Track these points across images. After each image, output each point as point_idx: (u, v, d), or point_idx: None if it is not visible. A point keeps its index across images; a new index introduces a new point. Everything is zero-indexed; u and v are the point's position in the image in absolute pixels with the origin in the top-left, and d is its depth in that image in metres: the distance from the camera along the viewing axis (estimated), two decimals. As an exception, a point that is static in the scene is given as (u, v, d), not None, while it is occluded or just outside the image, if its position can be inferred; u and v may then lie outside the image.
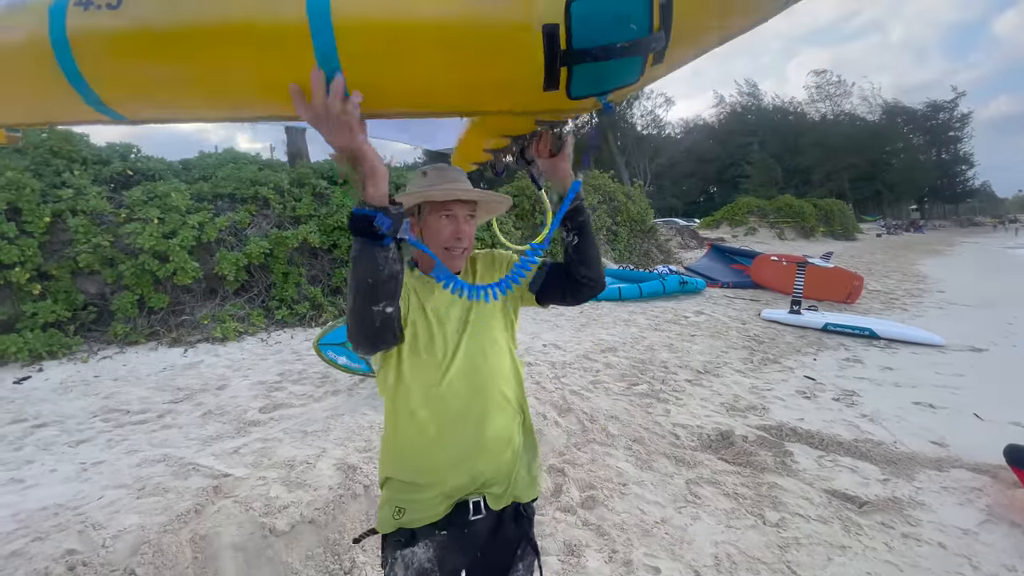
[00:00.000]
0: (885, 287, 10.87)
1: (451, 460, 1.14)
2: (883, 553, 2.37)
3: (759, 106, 52.99)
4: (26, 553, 2.00)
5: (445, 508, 1.14)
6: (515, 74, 0.75)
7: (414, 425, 1.14)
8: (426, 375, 1.14)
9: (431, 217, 1.20)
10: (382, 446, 1.23)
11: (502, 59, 0.74)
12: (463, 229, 1.21)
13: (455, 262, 1.22)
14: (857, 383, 4.75)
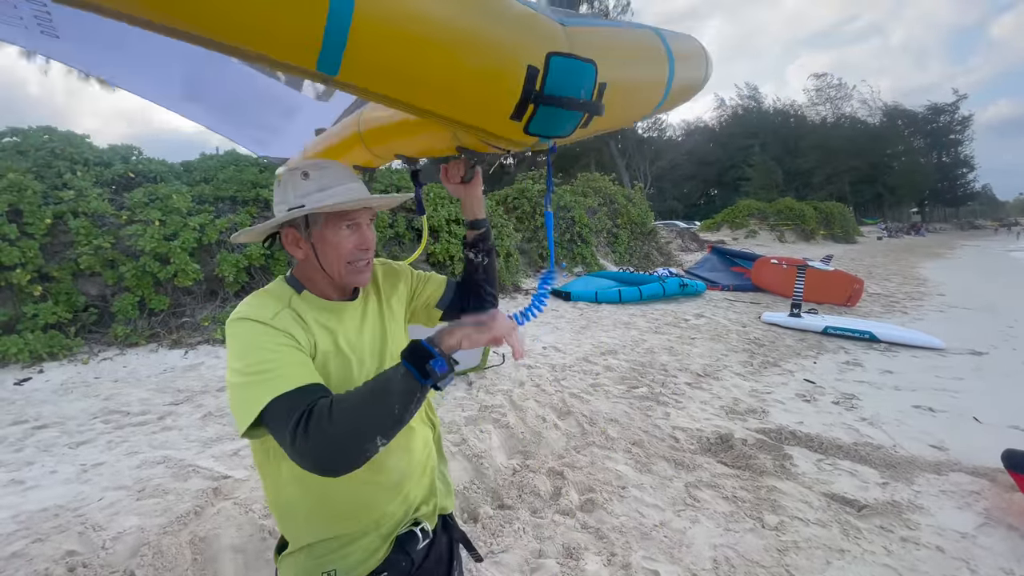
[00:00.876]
0: (885, 290, 10.87)
1: (385, 496, 1.03)
2: (882, 557, 2.37)
3: (760, 109, 53.07)
4: (26, 554, 2.01)
5: (385, 550, 1.03)
6: (494, 98, 0.86)
7: None
8: None
9: (327, 230, 0.99)
10: (283, 512, 1.00)
11: (490, 83, 0.84)
12: (368, 237, 1.04)
13: (361, 277, 1.04)
14: (857, 386, 4.76)
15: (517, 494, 2.82)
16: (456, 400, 3.92)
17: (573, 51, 0.88)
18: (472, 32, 0.81)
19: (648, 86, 1.16)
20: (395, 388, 0.82)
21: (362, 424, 0.80)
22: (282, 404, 0.82)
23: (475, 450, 3.11)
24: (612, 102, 0.98)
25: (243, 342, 0.90)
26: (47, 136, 6.54)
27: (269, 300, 0.98)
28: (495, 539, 2.46)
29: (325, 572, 0.99)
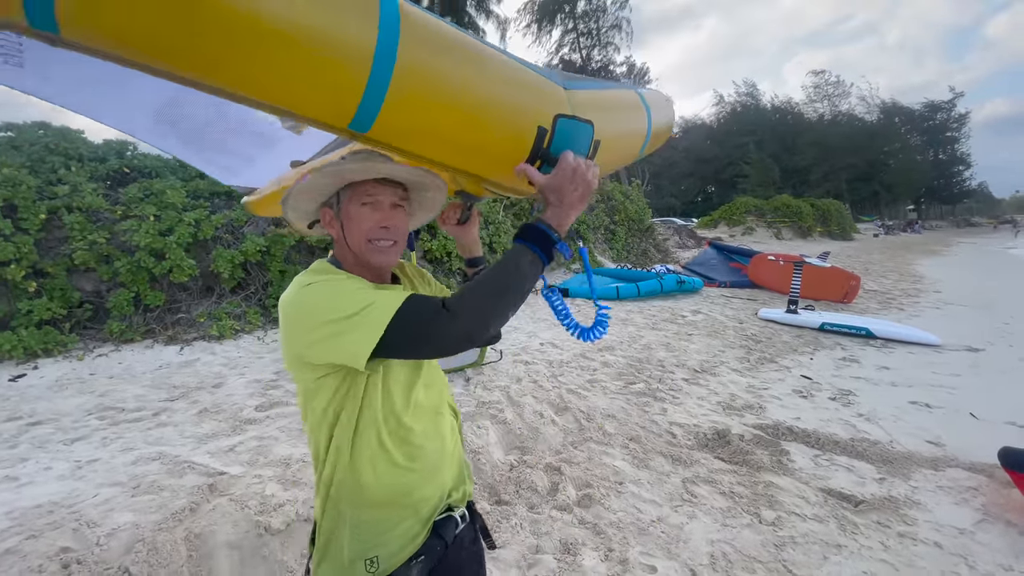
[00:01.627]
0: (882, 287, 10.89)
1: (423, 481, 1.05)
2: (879, 552, 2.37)
3: (757, 106, 53.06)
4: (20, 551, 1.99)
5: (424, 536, 1.05)
6: (507, 154, 0.96)
7: (386, 452, 1.01)
8: (400, 391, 1.04)
9: (350, 206, 1.03)
10: (329, 492, 1.02)
11: (505, 142, 0.95)
12: (389, 218, 1.04)
13: (384, 257, 1.04)
14: (854, 382, 4.76)
15: (514, 490, 2.81)
16: (453, 396, 3.91)
17: (575, 113, 0.99)
18: (493, 98, 0.91)
19: (633, 137, 1.33)
20: (525, 270, 0.91)
21: (501, 298, 0.89)
22: (404, 314, 0.88)
23: (472, 446, 3.10)
24: (604, 154, 1.12)
25: (327, 297, 0.92)
26: (41, 131, 6.48)
27: (330, 273, 1.01)
28: (493, 535, 2.44)
29: (368, 559, 1.00)
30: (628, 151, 1.37)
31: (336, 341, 0.90)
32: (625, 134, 1.29)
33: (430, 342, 0.89)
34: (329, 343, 0.91)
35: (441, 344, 0.89)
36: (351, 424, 0.99)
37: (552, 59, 35.10)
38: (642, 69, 37.12)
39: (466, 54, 0.88)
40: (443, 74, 0.83)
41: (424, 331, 0.88)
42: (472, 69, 0.88)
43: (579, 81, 1.11)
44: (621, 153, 1.32)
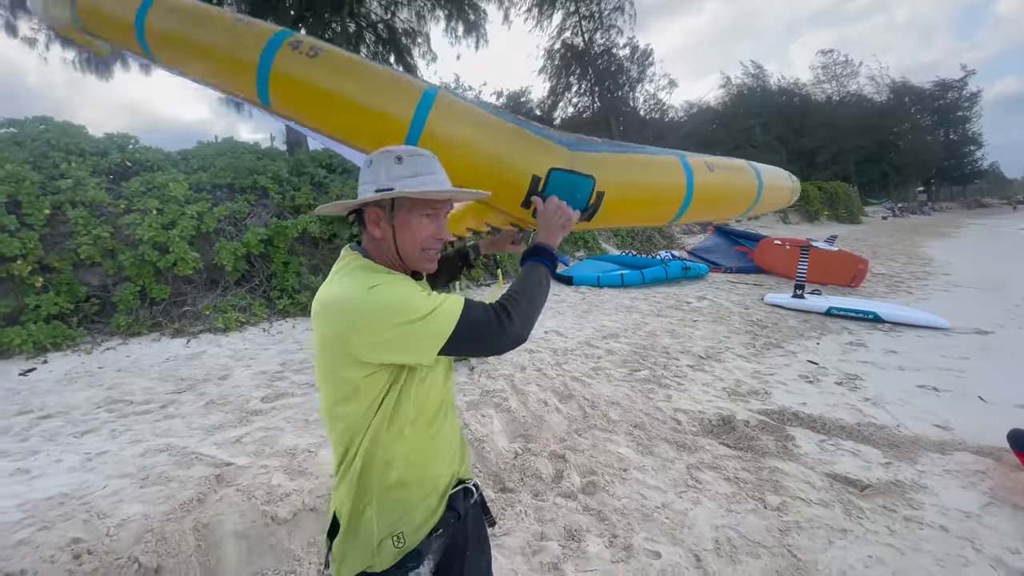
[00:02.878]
0: (890, 270, 10.78)
1: (441, 458, 1.14)
2: (884, 536, 2.37)
3: (764, 88, 52.22)
4: (32, 542, 2.02)
5: (442, 508, 1.12)
6: (510, 192, 1.32)
7: (416, 438, 1.08)
8: (435, 385, 1.12)
9: (411, 215, 1.07)
10: (359, 479, 1.06)
11: (506, 183, 1.31)
12: (444, 228, 1.13)
13: (431, 264, 1.13)
14: (860, 367, 4.73)
15: (519, 477, 2.82)
16: (458, 385, 3.92)
17: (574, 168, 1.30)
18: (499, 151, 1.30)
19: (664, 195, 1.55)
20: (544, 280, 1.15)
21: (536, 306, 1.10)
22: (467, 319, 1.00)
23: (477, 434, 3.11)
24: (622, 205, 1.44)
25: (395, 299, 0.98)
26: (43, 126, 6.48)
27: (382, 273, 1.06)
28: (497, 522, 2.46)
29: (395, 535, 1.06)
30: (663, 209, 1.60)
31: (406, 342, 0.97)
32: (650, 192, 1.52)
33: (488, 344, 1.03)
34: (399, 343, 0.97)
35: (498, 346, 1.04)
36: (389, 416, 1.05)
37: (554, 43, 34.60)
38: (645, 51, 36.54)
39: (479, 121, 1.31)
40: (455, 135, 1.28)
41: (484, 334, 1.01)
42: (480, 132, 1.30)
43: (598, 145, 1.42)
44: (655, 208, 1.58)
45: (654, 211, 1.59)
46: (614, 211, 1.42)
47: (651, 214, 1.61)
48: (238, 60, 1.34)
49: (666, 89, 49.28)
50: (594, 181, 1.31)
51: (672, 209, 1.58)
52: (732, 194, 1.79)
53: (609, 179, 1.36)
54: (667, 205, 1.57)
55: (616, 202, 1.39)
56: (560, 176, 1.28)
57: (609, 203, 1.37)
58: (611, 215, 1.44)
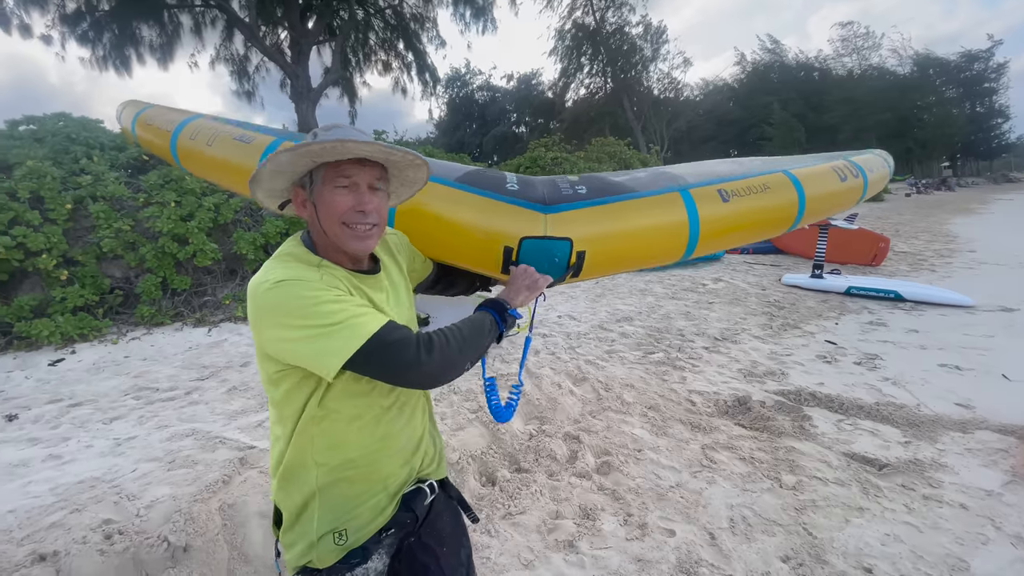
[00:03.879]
0: (913, 248, 10.52)
1: (393, 459, 1.07)
2: (902, 515, 2.35)
3: (782, 63, 50.78)
4: (65, 524, 2.12)
5: (392, 509, 1.07)
6: (487, 262, 1.34)
7: (357, 434, 1.01)
8: (373, 382, 1.02)
9: (324, 188, 0.98)
10: (294, 472, 1.01)
11: (482, 254, 1.34)
12: (366, 201, 0.99)
13: (361, 243, 1.01)
14: (880, 346, 4.66)
15: (534, 458, 2.86)
16: (472, 370, 3.96)
17: (548, 233, 1.28)
18: (469, 225, 1.32)
19: (660, 239, 1.46)
20: (486, 330, 1.07)
21: (466, 352, 1.00)
22: (381, 338, 0.90)
23: (492, 417, 3.14)
24: (609, 258, 1.40)
25: (299, 301, 0.90)
26: (62, 122, 6.62)
27: (301, 265, 0.97)
28: (513, 501, 2.50)
29: (336, 532, 1.01)
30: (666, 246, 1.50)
31: (303, 347, 0.90)
32: (632, 238, 1.42)
33: (398, 371, 0.93)
34: (294, 346, 0.91)
35: (408, 376, 0.94)
36: (318, 411, 0.98)
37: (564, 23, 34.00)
38: (659, 29, 35.73)
39: (447, 197, 1.34)
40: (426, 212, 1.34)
41: (396, 360, 0.91)
42: (449, 208, 1.33)
43: (579, 200, 1.35)
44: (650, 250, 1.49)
45: (650, 256, 1.50)
46: (603, 265, 1.39)
47: (648, 259, 1.52)
48: (242, 168, 1.62)
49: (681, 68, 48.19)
50: (571, 243, 1.28)
51: (676, 252, 1.49)
52: (758, 220, 1.61)
53: (589, 235, 1.31)
54: (668, 249, 1.48)
55: (602, 257, 1.35)
56: (532, 244, 1.27)
57: (594, 259, 1.33)
58: (600, 268, 1.40)
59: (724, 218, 1.50)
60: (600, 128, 31.98)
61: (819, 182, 1.75)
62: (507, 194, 1.35)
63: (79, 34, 13.73)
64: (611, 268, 1.47)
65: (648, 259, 1.53)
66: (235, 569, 2.09)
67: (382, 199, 1.04)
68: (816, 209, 1.74)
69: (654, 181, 1.49)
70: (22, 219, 4.94)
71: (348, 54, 17.29)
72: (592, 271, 1.38)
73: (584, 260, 1.32)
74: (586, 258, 1.32)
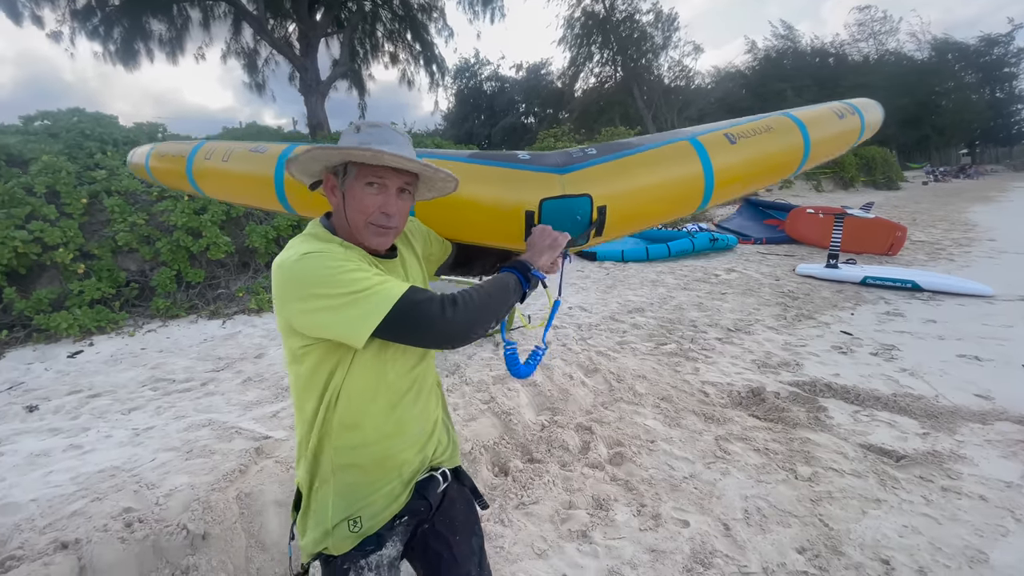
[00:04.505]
0: (930, 237, 10.33)
1: (406, 447, 1.09)
2: (920, 506, 2.32)
3: (795, 49, 49.79)
4: (86, 512, 2.16)
5: (406, 497, 1.09)
6: (510, 229, 1.34)
7: (374, 420, 1.04)
8: (393, 365, 1.06)
9: (356, 183, 1.03)
10: (315, 457, 1.05)
11: (505, 222, 1.34)
12: (393, 204, 1.04)
13: (379, 240, 1.06)
14: (897, 337, 4.59)
15: (546, 448, 2.86)
16: (483, 360, 3.97)
17: (565, 192, 1.30)
18: (487, 198, 1.33)
19: (678, 188, 1.45)
20: (510, 289, 1.07)
21: (490, 309, 1.01)
22: (409, 299, 0.93)
23: (503, 407, 3.15)
24: (631, 212, 1.40)
25: (326, 271, 0.93)
26: (76, 118, 6.69)
27: (323, 242, 1.02)
28: (526, 491, 2.51)
29: (352, 518, 1.04)
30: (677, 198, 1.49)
31: (331, 316, 0.92)
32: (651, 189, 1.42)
33: (425, 330, 0.95)
34: (322, 316, 0.93)
35: (435, 332, 0.96)
36: (338, 391, 1.01)
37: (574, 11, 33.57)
38: (670, 16, 35.16)
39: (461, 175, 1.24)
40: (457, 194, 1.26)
41: (422, 319, 0.93)
42: (463, 186, 1.26)
43: (591, 159, 1.36)
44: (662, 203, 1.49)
45: (671, 207, 1.51)
46: (624, 219, 1.39)
47: (669, 210, 1.52)
48: (259, 177, 1.68)
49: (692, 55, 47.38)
50: (590, 199, 1.30)
51: (693, 199, 1.49)
52: (767, 162, 1.60)
53: (607, 191, 1.32)
54: (685, 197, 1.48)
55: (623, 211, 1.36)
56: (552, 204, 1.28)
57: (615, 214, 1.34)
58: (623, 224, 1.40)
59: (735, 163, 1.50)
60: (610, 118, 31.64)
61: (820, 121, 1.75)
62: (520, 162, 1.36)
63: (90, 29, 13.83)
64: (633, 223, 1.47)
65: (668, 210, 1.52)
66: (252, 556, 2.12)
67: (407, 202, 1.09)
68: (820, 148, 1.72)
69: (659, 137, 1.53)
70: (39, 213, 5.01)
71: (356, 46, 17.24)
72: (615, 228, 1.39)
73: (605, 215, 1.32)
74: (607, 213, 1.32)
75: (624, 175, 1.37)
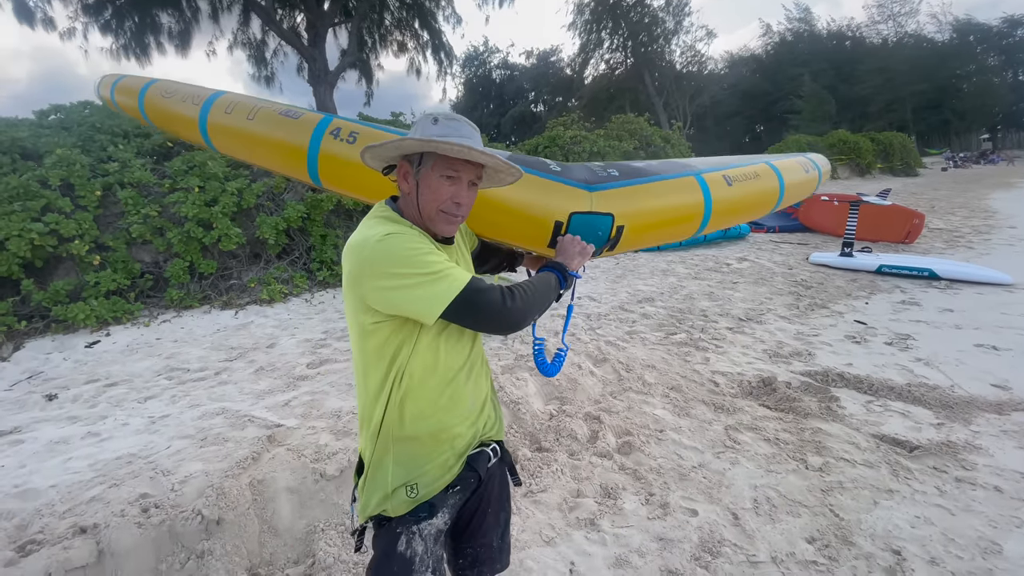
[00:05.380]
0: (949, 224, 10.12)
1: (460, 420, 1.16)
2: (934, 497, 2.30)
3: (812, 32, 48.66)
4: (104, 498, 2.21)
5: (458, 468, 1.16)
6: (537, 236, 1.44)
7: (432, 394, 1.11)
8: (451, 344, 1.13)
9: (431, 173, 1.09)
10: (380, 426, 1.11)
11: (534, 230, 1.44)
12: (464, 195, 1.12)
13: (448, 228, 1.14)
14: (913, 326, 4.51)
15: (555, 438, 2.87)
16: (492, 350, 3.97)
17: (593, 209, 1.41)
18: (523, 203, 1.42)
19: (682, 216, 1.65)
20: (552, 287, 1.21)
21: (537, 303, 1.13)
22: (475, 287, 1.03)
23: (512, 397, 3.16)
24: (642, 232, 1.54)
25: (407, 252, 1.01)
26: (87, 111, 6.74)
27: (399, 224, 1.09)
28: (534, 479, 2.52)
29: (409, 485, 1.11)
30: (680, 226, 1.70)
31: (409, 294, 0.99)
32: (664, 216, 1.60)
33: (489, 317, 1.05)
34: (400, 294, 1.00)
35: (499, 320, 1.06)
36: (403, 367, 1.08)
37: (585, -2, 33.07)
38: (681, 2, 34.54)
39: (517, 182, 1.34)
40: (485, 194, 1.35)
41: (488, 306, 1.03)
42: (505, 190, 1.37)
43: (615, 181, 1.49)
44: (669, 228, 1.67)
45: (674, 231, 1.70)
46: (636, 237, 1.53)
47: (671, 234, 1.73)
48: (289, 146, 1.62)
49: (704, 40, 46.56)
50: (613, 218, 1.42)
51: (692, 226, 1.69)
52: (752, 202, 1.91)
53: (627, 211, 1.46)
54: (686, 224, 1.68)
55: (636, 230, 1.50)
56: (581, 219, 1.40)
57: (629, 232, 1.48)
58: (633, 241, 1.55)
59: (729, 200, 1.74)
60: (620, 105, 31.29)
61: (792, 172, 2.14)
62: (553, 174, 1.47)
63: (101, 23, 13.91)
64: (639, 242, 1.61)
65: (670, 234, 1.71)
66: (266, 541, 2.16)
67: (474, 194, 1.17)
68: (791, 193, 2.10)
69: (670, 167, 1.70)
70: (54, 206, 5.08)
71: (364, 35, 17.17)
72: (625, 245, 1.52)
73: (621, 234, 1.46)
74: (623, 232, 1.46)
75: (642, 200, 1.52)
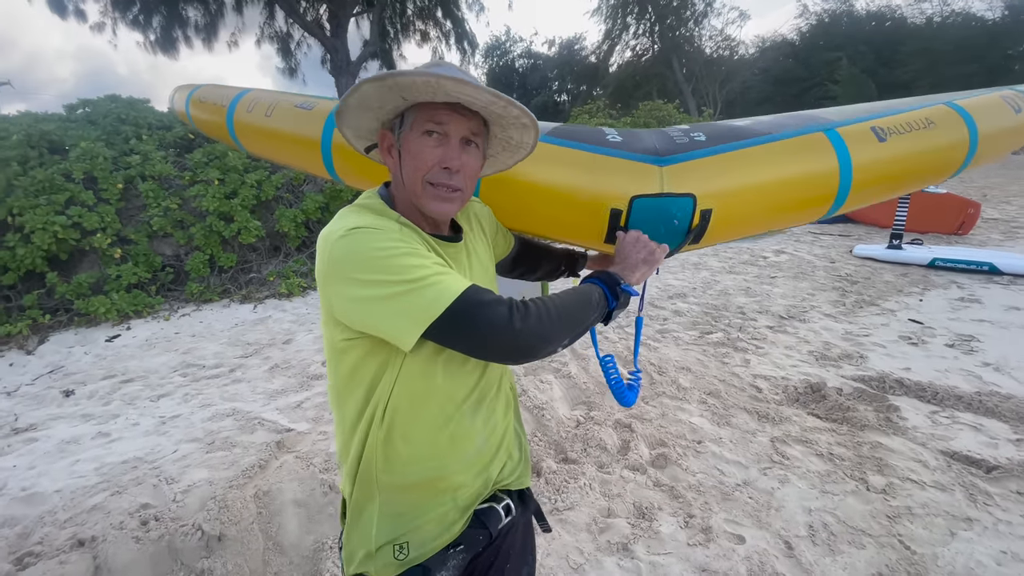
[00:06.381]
0: (1005, 214, 9.44)
1: (461, 466, 0.90)
2: (1020, 528, 2.00)
3: (850, 13, 46.47)
4: (105, 508, 2.09)
5: (462, 524, 0.91)
6: (590, 230, 1.13)
7: (425, 431, 0.86)
8: (447, 367, 0.86)
9: (412, 134, 0.83)
10: (358, 466, 0.88)
11: (585, 220, 1.12)
12: (455, 157, 0.83)
13: (440, 205, 0.85)
14: (976, 326, 4.12)
15: (582, 447, 2.64)
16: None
17: (664, 189, 1.05)
18: (574, 185, 1.09)
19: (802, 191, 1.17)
20: (593, 304, 0.89)
21: (567, 325, 0.82)
22: (470, 298, 0.75)
23: (536, 401, 2.94)
24: (738, 218, 1.14)
25: (375, 252, 0.75)
26: (113, 104, 6.75)
27: (378, 216, 0.83)
28: (560, 495, 2.31)
29: (397, 544, 0.87)
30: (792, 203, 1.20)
31: (375, 308, 0.75)
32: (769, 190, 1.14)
33: (485, 343, 0.77)
34: (365, 307, 0.76)
35: (495, 348, 0.78)
36: (386, 395, 0.83)
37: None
38: (713, -18, 33.26)
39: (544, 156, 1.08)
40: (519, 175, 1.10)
41: (483, 328, 0.75)
42: (545, 170, 1.10)
43: (701, 147, 1.09)
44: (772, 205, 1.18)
45: (788, 214, 1.22)
46: (727, 226, 1.13)
47: (784, 217, 1.23)
48: (304, 139, 1.41)
49: (736, 23, 44.97)
50: (694, 199, 1.04)
51: (820, 204, 1.21)
52: (920, 165, 1.28)
53: (716, 189, 1.07)
54: (809, 202, 1.20)
55: (730, 215, 1.10)
56: (646, 203, 1.04)
57: (720, 218, 1.09)
58: (727, 230, 1.15)
59: (881, 162, 1.20)
60: (647, 92, 30.45)
61: (991, 114, 1.36)
62: (610, 146, 1.11)
63: (130, 19, 14.11)
64: (738, 230, 1.21)
65: (785, 217, 1.23)
66: (270, 560, 2.00)
67: (474, 158, 0.88)
68: (989, 148, 1.36)
69: (788, 123, 1.21)
70: (77, 199, 5.06)
71: (386, 25, 17.03)
72: (716, 235, 1.14)
73: (709, 221, 1.08)
74: (712, 218, 1.07)
75: (739, 172, 1.10)
